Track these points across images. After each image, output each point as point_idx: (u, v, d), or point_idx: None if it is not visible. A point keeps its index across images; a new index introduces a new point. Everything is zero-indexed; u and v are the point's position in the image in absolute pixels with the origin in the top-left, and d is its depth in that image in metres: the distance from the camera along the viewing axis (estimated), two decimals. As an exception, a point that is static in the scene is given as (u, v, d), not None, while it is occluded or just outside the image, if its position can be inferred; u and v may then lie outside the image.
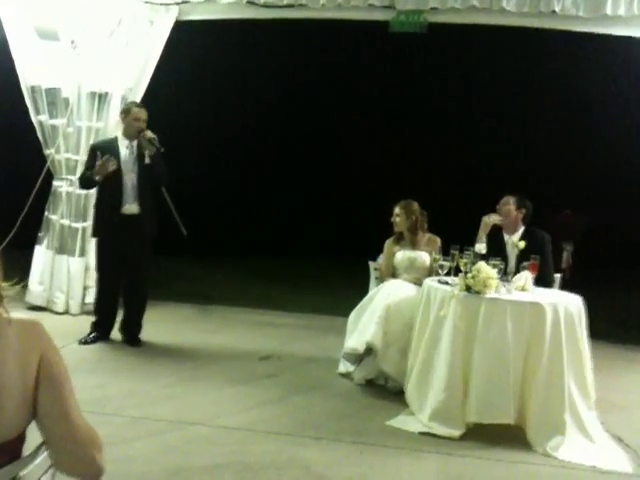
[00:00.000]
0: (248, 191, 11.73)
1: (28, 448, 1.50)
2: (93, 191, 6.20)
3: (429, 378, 4.24)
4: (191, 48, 7.74)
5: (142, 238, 5.55)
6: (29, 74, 6.47)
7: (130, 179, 5.50)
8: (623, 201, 10.49)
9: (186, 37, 6.42)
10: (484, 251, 4.72)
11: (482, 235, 4.99)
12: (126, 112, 5.64)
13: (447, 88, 11.04)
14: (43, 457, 1.49)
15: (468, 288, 4.15)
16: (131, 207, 5.53)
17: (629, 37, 5.96)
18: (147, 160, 5.47)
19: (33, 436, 1.50)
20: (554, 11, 5.78)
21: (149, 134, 5.45)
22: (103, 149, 5.53)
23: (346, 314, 5.33)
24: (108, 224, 5.59)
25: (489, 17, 6.03)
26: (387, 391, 4.82)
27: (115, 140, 5.64)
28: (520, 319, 4.07)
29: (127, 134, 5.56)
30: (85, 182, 5.69)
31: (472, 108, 11.19)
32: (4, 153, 9.63)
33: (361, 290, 5.56)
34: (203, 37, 7.44)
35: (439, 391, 4.14)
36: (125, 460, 3.37)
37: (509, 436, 4.02)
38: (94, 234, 5.89)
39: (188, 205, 6.98)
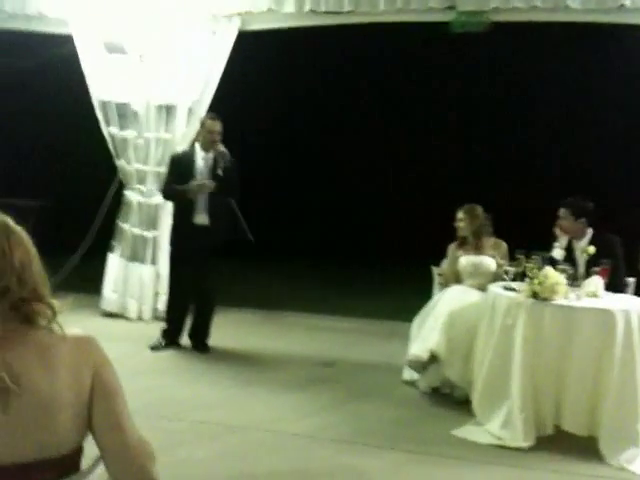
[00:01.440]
0: (311, 193, 11.79)
1: (86, 461, 1.55)
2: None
3: (499, 388, 4.13)
4: (256, 57, 7.83)
5: (212, 247, 5.65)
6: (100, 89, 6.71)
7: (203, 191, 5.62)
8: None
9: (251, 46, 6.49)
10: (561, 257, 4.58)
11: (562, 241, 4.81)
12: (201, 124, 5.83)
13: (504, 87, 10.78)
14: (100, 469, 1.54)
15: (535, 295, 4.03)
16: (202, 217, 5.66)
17: None
18: (219, 172, 5.58)
19: (92, 449, 1.55)
20: (622, 4, 5.54)
21: (220, 147, 5.57)
22: (182, 160, 5.79)
23: (409, 319, 5.28)
24: (180, 233, 5.79)
25: (552, 14, 5.84)
26: (453, 400, 4.73)
27: (193, 151, 5.81)
28: (590, 326, 3.94)
29: (203, 146, 5.71)
30: (172, 196, 5.88)
31: (533, 107, 10.88)
32: (77, 165, 10.03)
33: (424, 295, 5.49)
34: (267, 46, 7.50)
35: (511, 401, 4.03)
36: (186, 463, 3.45)
37: (581, 448, 3.89)
38: (170, 243, 6.07)
39: (253, 207, 7.07)
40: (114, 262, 6.96)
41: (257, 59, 8.57)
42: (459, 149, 11.30)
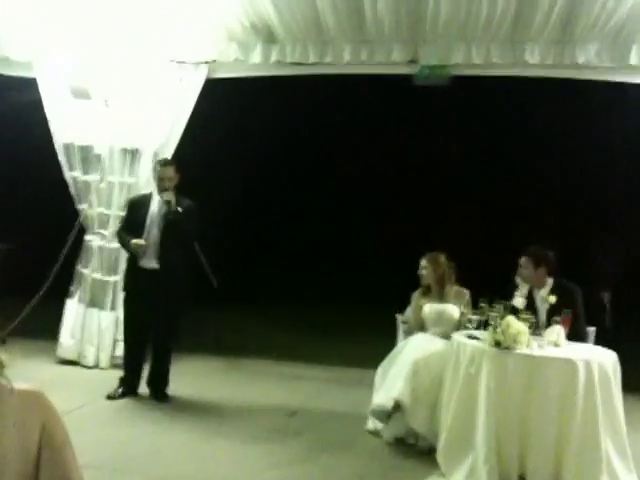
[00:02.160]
0: (277, 239, 11.79)
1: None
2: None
3: (463, 438, 4.11)
4: (222, 103, 7.88)
5: (164, 292, 5.56)
6: (63, 132, 6.66)
7: (153, 235, 5.61)
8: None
9: (218, 92, 6.54)
10: (522, 305, 4.63)
11: (523, 289, 4.87)
12: (153, 169, 5.89)
13: (469, 138, 11.08)
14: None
15: (498, 343, 4.05)
16: (151, 262, 5.61)
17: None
18: (168, 218, 5.57)
19: None
20: (577, 62, 5.76)
21: (165, 196, 5.56)
22: (137, 204, 5.81)
23: (375, 366, 5.25)
24: (132, 278, 5.76)
25: (512, 70, 6.04)
26: (417, 450, 4.67)
27: (149, 195, 5.82)
28: (552, 376, 3.96)
29: (158, 189, 5.71)
30: (121, 243, 5.89)
31: (494, 158, 11.18)
32: (37, 208, 9.88)
33: (390, 341, 5.49)
34: (233, 92, 7.57)
35: (475, 451, 4.00)
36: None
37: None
38: (122, 288, 6.06)
39: (218, 252, 7.03)
40: (72, 307, 6.80)
41: (226, 103, 8.62)
42: (424, 197, 11.47)
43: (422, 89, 6.15)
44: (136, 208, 5.78)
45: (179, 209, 5.55)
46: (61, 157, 6.72)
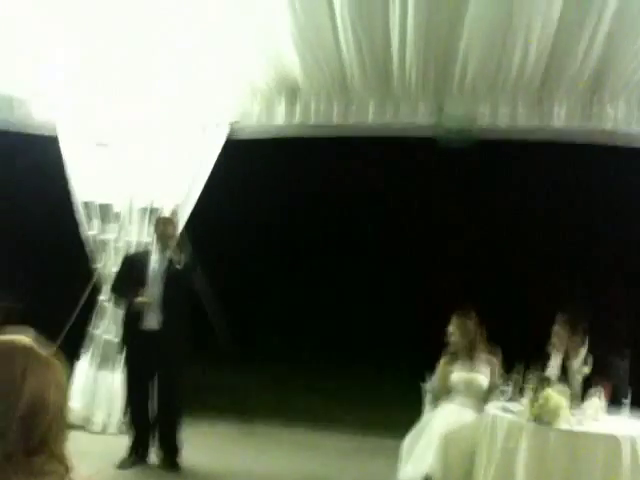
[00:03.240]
0: (298, 297, 11.62)
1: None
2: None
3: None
4: (245, 162, 7.89)
5: (167, 353, 5.38)
6: (83, 190, 6.61)
7: (154, 293, 5.44)
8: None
9: (236, 153, 6.51)
10: (555, 376, 4.42)
11: (556, 358, 4.67)
12: (155, 225, 5.81)
13: (495, 200, 11.02)
14: None
15: (537, 418, 3.84)
16: (150, 322, 5.43)
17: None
18: (171, 272, 5.44)
19: None
20: (603, 129, 5.71)
21: (171, 251, 5.45)
22: (135, 260, 5.73)
23: (396, 434, 5.02)
24: (131, 340, 5.58)
25: (536, 134, 5.99)
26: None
27: (148, 252, 5.73)
28: (594, 453, 3.75)
29: (158, 247, 5.62)
30: (118, 294, 5.75)
31: (527, 217, 11.09)
32: (49, 266, 9.79)
33: (412, 409, 5.24)
34: (257, 151, 7.56)
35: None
36: None
37: None
38: (119, 349, 5.86)
39: (230, 311, 6.86)
40: (82, 370, 6.59)
41: (246, 164, 8.63)
42: (447, 259, 11.34)
43: (446, 150, 6.09)
44: (135, 265, 5.63)
45: (179, 265, 5.40)
46: (80, 215, 6.64)
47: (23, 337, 1.28)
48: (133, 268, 5.61)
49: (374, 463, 5.78)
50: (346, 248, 11.66)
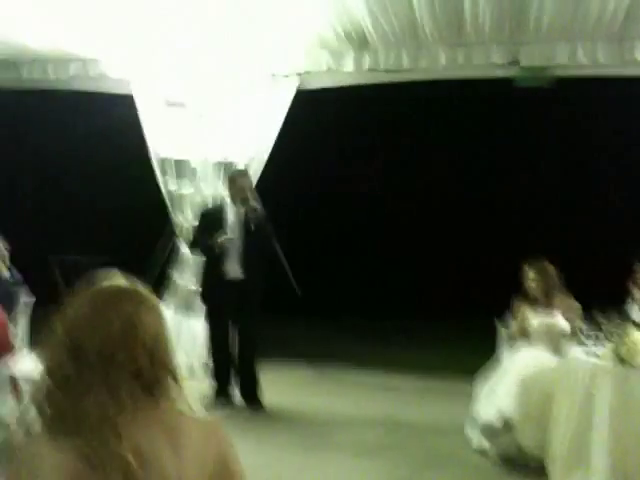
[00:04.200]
0: (365, 249, 11.65)
1: None
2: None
3: (580, 457, 3.86)
4: (311, 116, 7.87)
5: (248, 302, 5.59)
6: (159, 146, 6.80)
7: (235, 245, 5.59)
8: None
9: (307, 106, 6.52)
10: (638, 316, 4.34)
11: (638, 297, 4.59)
12: (231, 180, 5.85)
13: (567, 138, 10.59)
14: None
15: (620, 360, 3.79)
16: (233, 272, 5.60)
17: None
18: (251, 227, 5.58)
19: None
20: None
21: (252, 203, 5.57)
22: (212, 215, 5.82)
23: (467, 375, 5.09)
24: (214, 289, 5.74)
25: (618, 70, 5.74)
26: (523, 468, 4.43)
27: (223, 206, 5.84)
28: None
29: (233, 200, 5.72)
30: (198, 248, 5.90)
31: (598, 157, 10.65)
32: (134, 221, 10.14)
33: (483, 350, 5.28)
34: (326, 103, 7.54)
35: (592, 471, 3.76)
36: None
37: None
38: (202, 299, 6.02)
39: (307, 265, 6.95)
40: (166, 317, 6.87)
41: (316, 117, 8.62)
42: (524, 199, 11.08)
43: (523, 92, 5.91)
44: (212, 218, 5.76)
45: (255, 218, 5.54)
46: (157, 171, 6.85)
47: (124, 280, 1.40)
48: (211, 222, 5.74)
49: (449, 402, 5.85)
50: (416, 196, 11.53)
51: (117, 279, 1.42)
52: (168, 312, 6.81)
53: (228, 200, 5.84)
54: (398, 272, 11.29)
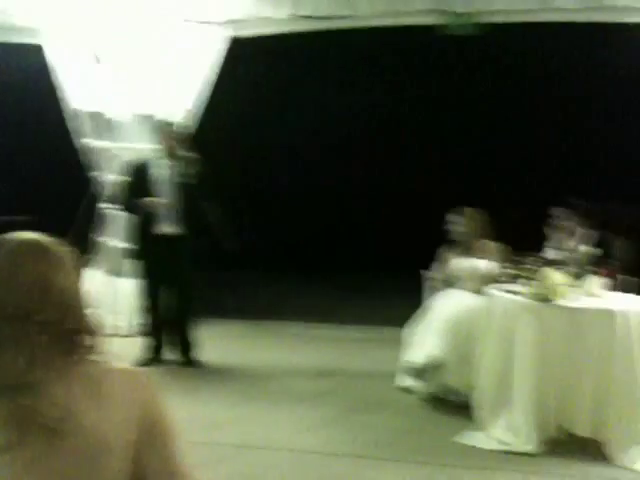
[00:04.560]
0: (298, 204, 11.63)
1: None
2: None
3: (502, 392, 4.08)
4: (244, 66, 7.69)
5: (183, 257, 5.51)
6: (73, 98, 6.50)
7: (167, 200, 5.50)
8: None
9: (239, 55, 6.37)
10: (557, 257, 4.56)
11: (557, 241, 4.81)
12: (161, 132, 5.70)
13: (501, 86, 10.76)
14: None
15: (537, 296, 3.99)
16: (167, 227, 5.52)
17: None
18: (183, 179, 5.48)
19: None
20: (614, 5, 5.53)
21: (184, 154, 5.46)
22: (140, 169, 5.65)
23: (397, 324, 5.25)
24: (146, 247, 5.64)
25: (541, 15, 5.85)
26: (451, 405, 4.66)
27: (153, 160, 5.69)
28: (590, 327, 3.91)
29: (164, 153, 5.59)
30: (130, 208, 5.72)
31: (528, 107, 10.90)
32: (48, 176, 9.75)
33: (411, 299, 5.43)
34: (255, 54, 7.38)
35: (514, 405, 3.98)
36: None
37: (586, 451, 3.86)
38: (135, 256, 5.90)
39: (240, 220, 6.92)
40: (90, 276, 6.73)
41: (250, 67, 8.43)
42: (452, 150, 11.27)
43: (448, 39, 5.96)
44: (141, 173, 5.60)
45: (187, 172, 5.43)
46: (73, 124, 6.58)
47: (37, 236, 1.37)
48: (138, 178, 5.58)
49: (382, 351, 5.96)
50: (344, 147, 11.55)
51: (30, 236, 1.38)
52: (96, 273, 6.68)
53: (157, 154, 5.67)
54: (331, 226, 11.37)
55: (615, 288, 4.38)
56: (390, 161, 11.46)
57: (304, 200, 11.60)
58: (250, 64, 8.34)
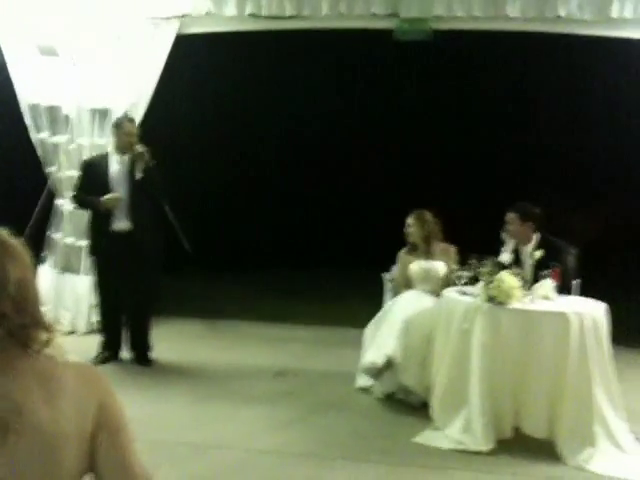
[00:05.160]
0: (255, 204, 11.59)
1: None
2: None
3: (458, 393, 4.15)
4: (193, 62, 7.63)
5: (138, 254, 5.41)
6: (28, 92, 6.38)
7: (123, 195, 5.42)
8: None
9: (188, 51, 6.33)
10: (509, 261, 4.65)
11: (509, 245, 4.91)
12: (117, 126, 5.61)
13: (455, 94, 10.94)
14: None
15: (491, 299, 4.07)
16: (121, 224, 5.44)
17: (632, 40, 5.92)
18: (138, 175, 5.40)
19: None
20: (559, 16, 5.72)
21: (139, 148, 5.37)
22: (94, 165, 5.58)
23: (358, 326, 5.28)
24: (101, 242, 5.56)
25: (493, 23, 5.98)
26: (408, 405, 4.72)
27: (106, 155, 5.61)
28: (545, 329, 4.00)
29: (119, 149, 5.51)
30: (84, 205, 5.66)
31: (478, 114, 11.10)
32: (4, 172, 9.50)
33: (373, 301, 5.50)
34: (205, 51, 7.34)
35: (470, 405, 4.06)
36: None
37: (540, 450, 3.94)
38: (90, 252, 5.82)
39: (196, 220, 6.88)
40: (45, 274, 6.60)
41: (197, 61, 8.37)
42: (409, 154, 11.38)
43: (402, 44, 6.02)
44: (94, 169, 5.52)
45: (151, 162, 5.34)
46: (27, 119, 6.44)
47: None
48: (93, 174, 5.50)
49: (341, 352, 6.03)
50: (304, 147, 11.56)
51: None
52: (50, 270, 6.55)
53: (110, 149, 5.59)
54: (290, 226, 11.36)
55: (562, 291, 4.48)
56: (352, 161, 11.54)
57: (263, 201, 11.59)
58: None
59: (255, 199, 11.58)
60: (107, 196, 5.37)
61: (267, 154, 11.64)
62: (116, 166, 5.49)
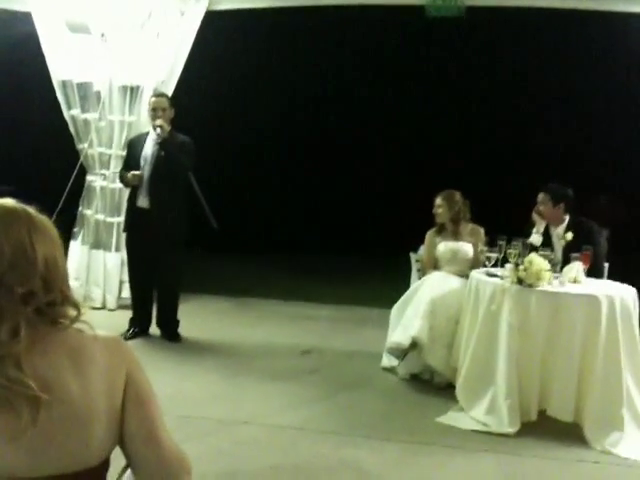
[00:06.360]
0: (283, 186, 11.58)
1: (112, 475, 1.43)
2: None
3: (484, 374, 4.13)
4: (223, 39, 7.61)
5: (158, 231, 5.41)
6: (60, 69, 6.43)
7: (146, 173, 5.47)
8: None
9: (218, 27, 6.30)
10: (539, 243, 4.59)
11: (540, 226, 4.85)
12: (148, 104, 5.65)
13: (485, 72, 10.73)
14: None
15: (520, 281, 4.02)
16: (143, 201, 5.50)
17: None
18: (160, 152, 5.41)
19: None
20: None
21: (157, 122, 5.36)
22: (133, 143, 5.69)
23: (385, 306, 5.26)
24: (129, 218, 5.69)
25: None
26: (433, 386, 4.73)
27: (146, 134, 5.64)
28: (575, 312, 3.95)
29: (157, 126, 5.48)
30: (122, 182, 5.80)
31: (506, 94, 10.89)
32: (37, 148, 9.63)
33: (400, 282, 5.47)
34: (234, 27, 7.30)
35: (496, 387, 4.03)
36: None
37: (566, 433, 3.90)
38: (123, 229, 6.01)
39: (222, 200, 6.90)
40: (76, 249, 6.70)
41: (228, 39, 8.34)
42: (437, 135, 11.25)
43: (434, 21, 5.92)
44: (133, 147, 5.63)
45: (169, 138, 5.33)
46: (59, 95, 6.50)
47: (16, 204, 1.36)
48: (133, 151, 5.60)
49: (367, 331, 6.10)
50: (330, 129, 11.48)
51: (12, 204, 1.36)
52: (81, 246, 6.64)
53: (150, 127, 5.58)
54: (318, 208, 11.34)
55: (593, 274, 4.41)
56: (383, 143, 11.44)
57: (295, 183, 11.55)
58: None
59: (287, 181, 11.55)
60: (130, 173, 5.42)
61: (296, 137, 11.58)
62: (150, 143, 5.52)
